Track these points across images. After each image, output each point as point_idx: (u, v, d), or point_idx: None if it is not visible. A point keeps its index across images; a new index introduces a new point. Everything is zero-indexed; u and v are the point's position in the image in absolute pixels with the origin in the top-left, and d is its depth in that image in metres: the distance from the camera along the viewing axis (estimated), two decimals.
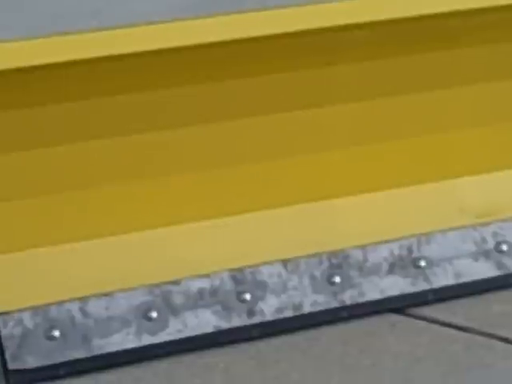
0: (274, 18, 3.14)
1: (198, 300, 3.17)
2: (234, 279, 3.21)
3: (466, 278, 3.36)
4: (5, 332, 3.02)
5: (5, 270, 3.07)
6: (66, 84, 3.01)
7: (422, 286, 3.33)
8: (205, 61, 3.09)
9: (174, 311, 3.15)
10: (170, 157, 3.22)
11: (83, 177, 3.17)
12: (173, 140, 3.21)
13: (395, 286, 3.31)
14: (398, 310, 3.29)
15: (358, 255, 3.30)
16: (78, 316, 3.08)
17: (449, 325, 3.22)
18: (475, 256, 3.38)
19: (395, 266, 3.32)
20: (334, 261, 3.28)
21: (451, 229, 3.39)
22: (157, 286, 3.15)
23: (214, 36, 3.06)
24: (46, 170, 3.12)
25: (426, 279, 3.34)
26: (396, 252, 3.33)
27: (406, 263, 3.33)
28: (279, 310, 3.21)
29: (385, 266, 3.31)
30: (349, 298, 3.27)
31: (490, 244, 3.40)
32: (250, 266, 3.22)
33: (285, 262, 3.24)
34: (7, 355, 3.01)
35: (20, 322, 3.04)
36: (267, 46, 3.13)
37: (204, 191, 3.26)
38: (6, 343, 3.01)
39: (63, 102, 3.04)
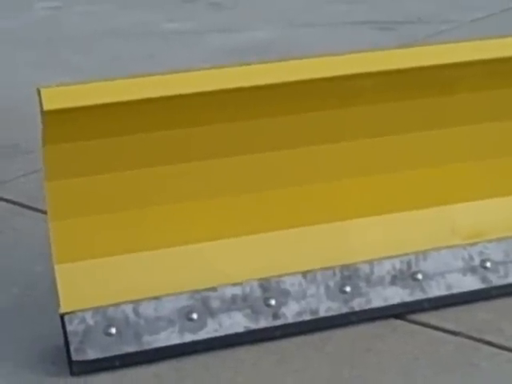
0: (295, 67, 3.15)
1: (231, 304, 3.19)
2: (262, 287, 3.22)
3: (456, 290, 3.35)
4: (70, 328, 3.04)
5: (71, 277, 3.09)
6: (133, 119, 3.02)
7: (418, 296, 3.33)
8: (239, 102, 3.11)
9: (212, 313, 3.16)
10: (213, 184, 3.23)
11: (140, 199, 3.18)
12: (212, 169, 3.22)
13: (396, 295, 3.31)
14: (399, 316, 3.30)
15: (365, 269, 3.30)
16: (131, 316, 3.11)
17: (441, 329, 3.23)
18: (464, 271, 3.37)
19: (396, 278, 3.32)
20: (346, 273, 3.28)
21: (444, 248, 3.38)
22: (197, 291, 3.17)
23: (244, 81, 3.06)
24: (109, 192, 3.15)
25: (422, 290, 3.33)
26: (397, 266, 3.33)
27: (405, 276, 3.33)
28: (299, 313, 3.23)
29: (388, 278, 3.31)
30: (357, 304, 3.27)
31: (476, 261, 3.39)
32: (275, 277, 3.23)
33: (304, 274, 3.25)
34: (72, 348, 3.04)
35: (83, 320, 3.06)
36: (286, 91, 3.13)
37: (237, 213, 3.27)
38: (70, 338, 3.04)
39: (137, 133, 3.07)
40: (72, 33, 7.33)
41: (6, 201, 4.42)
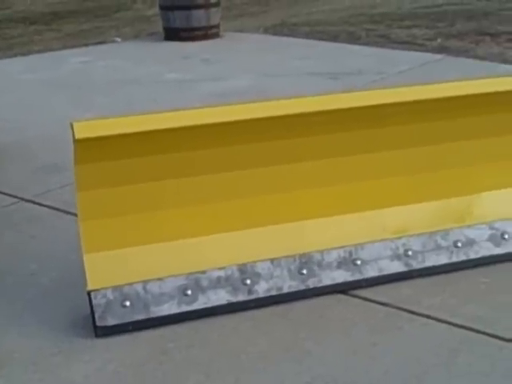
0: (267, 106, 3.18)
1: (217, 283, 3.18)
2: (240, 270, 3.21)
3: (386, 272, 3.35)
4: (95, 302, 3.05)
5: (96, 263, 3.08)
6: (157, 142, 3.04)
7: (357, 277, 3.32)
8: (227, 132, 3.10)
9: (202, 290, 3.16)
10: (203, 194, 3.22)
11: (147, 205, 3.18)
12: (202, 183, 3.19)
13: (341, 276, 3.31)
14: (343, 292, 3.30)
15: (318, 256, 3.30)
16: (141, 292, 3.11)
17: (374, 301, 3.24)
18: (391, 258, 3.37)
19: (341, 263, 3.32)
20: (303, 259, 3.28)
21: (377, 241, 3.38)
22: (191, 274, 3.16)
23: (231, 117, 3.08)
24: (123, 199, 3.14)
25: (360, 272, 3.33)
26: (342, 255, 3.33)
27: (347, 262, 3.32)
28: (268, 290, 3.23)
29: (334, 264, 3.31)
30: (312, 283, 3.27)
31: (401, 250, 3.39)
32: (250, 262, 3.23)
33: (272, 260, 3.25)
34: (96, 317, 3.04)
35: (104, 295, 3.07)
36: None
37: (221, 216, 3.25)
38: (95, 309, 3.05)
39: (144, 156, 3.06)
40: (97, 81, 7.31)
41: (48, 206, 4.39)
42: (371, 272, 3.36)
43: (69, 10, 14.30)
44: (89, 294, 3.06)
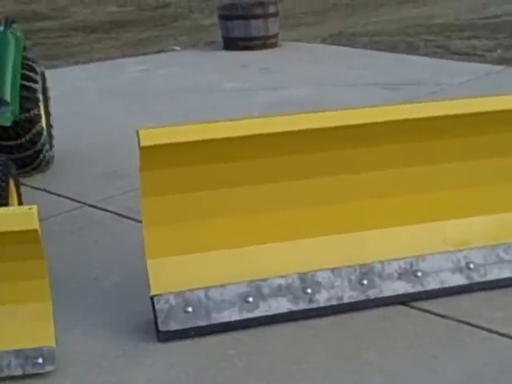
0: (325, 116, 3.20)
1: (278, 291, 3.19)
2: (301, 279, 3.22)
3: (447, 284, 3.33)
4: (158, 307, 3.09)
5: (159, 268, 3.12)
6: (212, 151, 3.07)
7: (418, 288, 3.31)
8: (283, 141, 3.11)
9: (263, 298, 3.18)
10: (265, 203, 3.25)
11: (210, 212, 3.21)
12: (264, 191, 3.22)
13: (401, 287, 3.29)
14: (403, 303, 3.29)
15: (378, 267, 3.30)
16: (203, 298, 3.14)
17: (435, 313, 3.22)
18: (453, 270, 3.35)
19: (402, 275, 3.30)
20: (363, 270, 3.28)
21: (438, 253, 3.36)
22: (253, 281, 3.19)
23: (286, 127, 3.09)
24: (187, 206, 3.18)
25: (421, 284, 3.31)
26: (402, 266, 3.31)
27: (408, 273, 3.31)
28: (328, 299, 3.23)
29: (395, 275, 3.30)
30: (372, 293, 3.27)
31: (462, 263, 3.36)
32: (311, 271, 3.24)
33: (332, 270, 3.25)
34: (159, 321, 3.08)
35: (167, 301, 3.10)
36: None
37: (283, 224, 3.26)
38: (158, 314, 3.08)
39: (203, 164, 3.09)
40: (155, 89, 7.39)
41: (110, 212, 4.46)
42: (432, 284, 3.34)
43: (128, 19, 14.50)
44: (152, 298, 3.10)
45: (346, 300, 3.26)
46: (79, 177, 5.05)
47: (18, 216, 2.80)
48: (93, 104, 6.91)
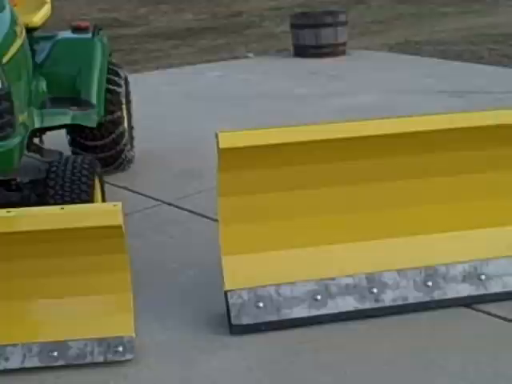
0: (393, 123, 3.18)
1: (345, 290, 3.17)
2: (368, 279, 3.20)
3: (510, 288, 3.27)
4: (231, 301, 3.10)
5: (233, 265, 3.12)
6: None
7: (481, 291, 3.25)
8: (350, 146, 3.11)
9: (331, 296, 3.16)
10: (336, 205, 3.23)
11: (282, 213, 3.20)
12: (335, 195, 3.20)
13: (465, 289, 3.24)
14: (467, 305, 3.24)
15: (443, 269, 3.25)
16: (274, 295, 3.14)
17: (497, 316, 3.17)
18: None
19: (466, 278, 3.25)
20: (429, 272, 3.24)
21: (501, 257, 3.30)
22: (321, 280, 3.17)
23: (354, 133, 3.08)
24: (261, 206, 3.18)
25: (485, 287, 3.26)
26: (467, 269, 3.26)
27: (472, 276, 3.26)
28: (394, 299, 3.20)
29: (459, 277, 3.25)
30: (436, 295, 3.22)
31: None
32: (377, 272, 3.21)
33: (398, 271, 3.22)
34: (232, 316, 3.09)
35: (240, 296, 3.11)
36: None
37: (352, 227, 3.24)
38: (231, 308, 3.09)
39: (279, 166, 3.10)
40: (232, 93, 7.42)
41: (186, 210, 4.49)
42: (495, 287, 3.28)
43: (203, 27, 14.62)
44: (226, 293, 3.12)
45: (410, 300, 3.22)
46: (157, 176, 5.11)
47: (104, 212, 2.86)
48: (172, 107, 6.97)
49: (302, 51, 9.01)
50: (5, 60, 3.56)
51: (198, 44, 12.71)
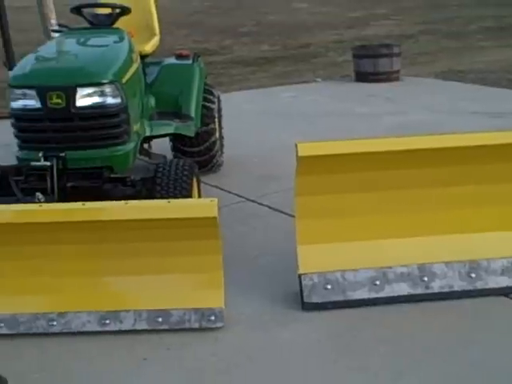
0: (440, 139, 3.11)
1: (400, 277, 3.13)
2: (419, 269, 3.15)
3: None
4: (304, 283, 3.10)
5: (306, 253, 3.12)
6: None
7: None
8: (400, 160, 3.06)
9: (388, 282, 3.13)
10: (395, 205, 3.18)
11: (349, 210, 3.17)
12: (391, 197, 3.15)
13: (504, 281, 3.16)
14: (505, 295, 3.16)
15: (485, 263, 3.19)
16: (340, 279, 3.13)
17: None
18: None
19: (505, 271, 3.17)
20: (472, 265, 3.18)
21: None
22: (380, 268, 3.15)
23: (405, 146, 3.05)
24: (332, 204, 3.14)
25: None
26: (505, 264, 3.18)
27: (510, 270, 3.17)
28: (441, 287, 3.15)
29: (499, 270, 3.17)
30: (479, 285, 3.15)
31: None
32: (428, 263, 3.16)
33: (446, 263, 3.17)
34: (304, 295, 3.10)
35: (311, 279, 3.11)
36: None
37: (408, 224, 3.17)
38: (304, 288, 3.10)
39: (347, 173, 3.09)
40: (302, 111, 7.39)
41: (266, 206, 4.50)
42: None
43: (276, 56, 14.63)
44: (299, 276, 3.13)
45: (456, 288, 3.17)
46: (241, 177, 5.13)
47: (203, 206, 2.89)
48: (253, 121, 6.99)
49: (362, 77, 8.95)
50: (124, 80, 3.65)
51: (272, 70, 12.73)
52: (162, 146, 4.88)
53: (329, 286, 3.12)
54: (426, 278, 3.16)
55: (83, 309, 2.96)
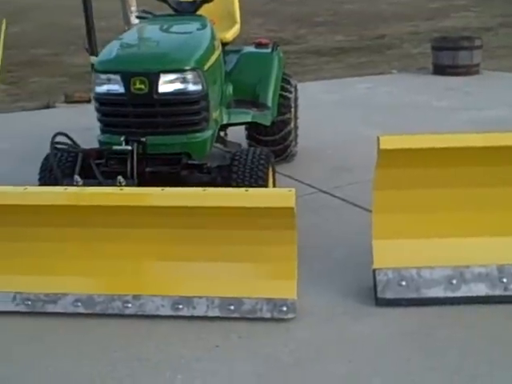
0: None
1: (478, 277, 3.01)
2: (499, 270, 3.05)
3: None
4: (378, 278, 3.04)
5: (381, 248, 3.05)
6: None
7: None
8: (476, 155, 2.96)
9: (465, 281, 3.04)
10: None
11: (423, 207, 3.08)
12: (493, 194, 3.06)
13: None
14: None
15: None
16: (415, 276, 3.05)
17: None
18: None
19: None
20: None
21: None
22: (457, 267, 3.05)
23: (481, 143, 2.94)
24: (407, 200, 3.06)
25: None
26: None
27: None
28: None
29: None
30: None
31: None
32: (508, 265, 3.05)
33: None
34: (378, 290, 3.03)
35: (386, 274, 3.05)
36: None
37: (485, 224, 3.09)
38: (378, 283, 3.03)
39: (420, 167, 2.98)
40: (378, 103, 7.29)
41: (338, 198, 4.45)
42: None
43: (351, 47, 14.44)
44: (374, 271, 3.06)
45: None
46: (315, 168, 5.08)
47: (281, 196, 2.85)
48: (328, 112, 6.92)
49: (440, 70, 8.73)
50: (206, 68, 3.65)
51: (346, 61, 12.58)
52: (236, 134, 4.87)
53: (403, 283, 3.04)
54: (505, 280, 3.04)
55: (157, 293, 2.99)
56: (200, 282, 3.02)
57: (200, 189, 2.91)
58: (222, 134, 4.41)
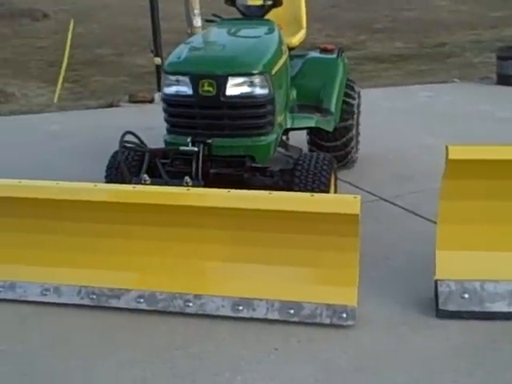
0: None
1: None
2: None
3: None
4: (440, 289, 2.98)
5: (445, 259, 2.98)
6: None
7: None
8: None
9: None
10: None
11: (499, 218, 3.03)
12: None
13: None
14: None
15: None
16: (478, 289, 2.99)
17: None
18: None
19: None
20: None
21: None
22: None
23: None
24: (472, 212, 3.01)
25: None
26: None
27: None
28: None
29: None
30: None
31: None
32: None
33: None
34: (439, 301, 2.95)
35: (448, 286, 2.99)
36: None
37: None
38: (440, 295, 2.95)
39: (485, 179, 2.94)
40: (439, 112, 7.17)
41: (400, 207, 4.38)
42: None
43: (411, 54, 14.29)
44: (436, 282, 3.01)
45: None
46: (375, 175, 5.03)
47: (346, 202, 2.82)
48: (389, 119, 6.86)
49: (505, 80, 8.52)
50: (273, 72, 3.66)
51: (406, 68, 12.45)
52: (296, 139, 4.86)
53: (466, 295, 2.98)
54: None
55: (218, 293, 3.00)
56: (261, 284, 3.01)
57: (266, 192, 2.91)
58: (284, 138, 4.40)
